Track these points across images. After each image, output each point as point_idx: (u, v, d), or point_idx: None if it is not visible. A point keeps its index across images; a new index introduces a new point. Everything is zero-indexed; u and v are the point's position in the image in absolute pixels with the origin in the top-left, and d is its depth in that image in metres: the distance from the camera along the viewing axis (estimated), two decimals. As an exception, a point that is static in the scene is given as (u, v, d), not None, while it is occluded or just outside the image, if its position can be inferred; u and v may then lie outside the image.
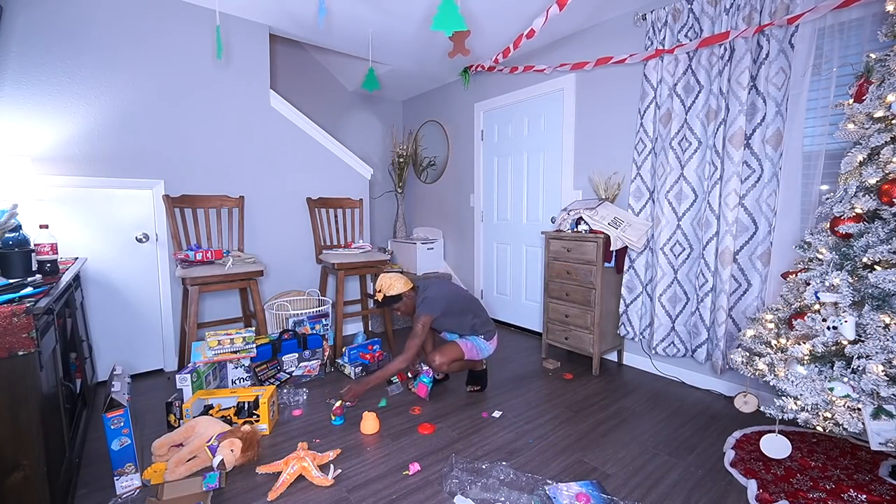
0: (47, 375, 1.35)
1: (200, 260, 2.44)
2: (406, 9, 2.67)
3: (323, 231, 3.27)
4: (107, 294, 2.48)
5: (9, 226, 1.53)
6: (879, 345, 1.32)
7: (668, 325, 2.53)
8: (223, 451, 1.61)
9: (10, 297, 1.22)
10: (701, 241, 2.37)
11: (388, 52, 3.36)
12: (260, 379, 2.38)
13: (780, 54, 2.04)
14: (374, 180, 4.54)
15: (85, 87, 2.37)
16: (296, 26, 2.94)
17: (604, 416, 2.14)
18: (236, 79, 2.85)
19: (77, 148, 2.37)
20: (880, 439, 1.32)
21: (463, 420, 2.09)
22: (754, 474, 1.63)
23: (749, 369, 1.76)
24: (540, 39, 3.11)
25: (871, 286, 1.39)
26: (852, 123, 1.58)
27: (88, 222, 2.40)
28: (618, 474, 1.67)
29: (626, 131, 2.76)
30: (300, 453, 1.67)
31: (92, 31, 2.36)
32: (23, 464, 1.20)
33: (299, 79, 4.02)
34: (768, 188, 2.13)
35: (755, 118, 2.15)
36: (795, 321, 1.61)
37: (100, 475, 1.65)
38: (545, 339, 2.95)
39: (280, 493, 1.54)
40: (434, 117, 4.39)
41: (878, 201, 1.46)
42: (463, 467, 1.66)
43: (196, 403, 1.98)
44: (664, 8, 2.43)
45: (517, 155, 3.57)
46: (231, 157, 2.87)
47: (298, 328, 2.86)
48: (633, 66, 2.68)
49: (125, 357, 2.56)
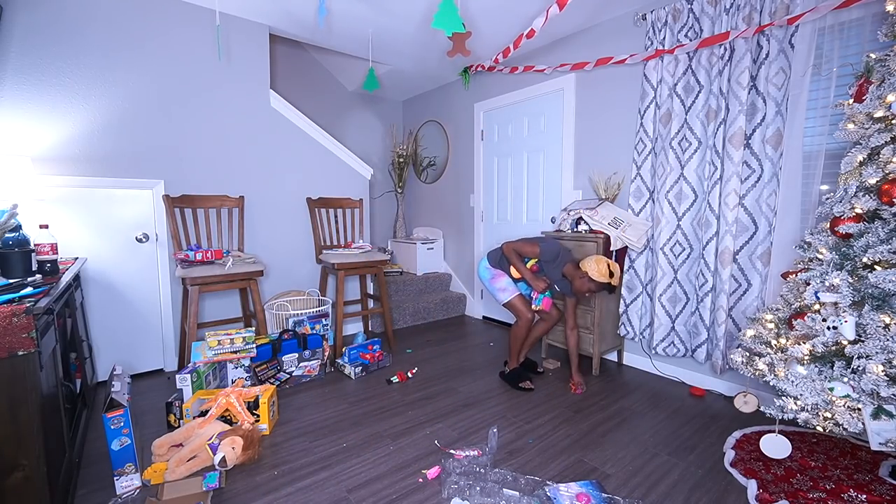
0: (47, 375, 1.35)
1: (200, 260, 2.44)
2: (406, 9, 2.67)
3: (323, 231, 3.27)
4: (107, 294, 2.48)
5: (9, 226, 1.53)
6: (879, 345, 1.32)
7: (668, 325, 2.53)
8: (224, 449, 1.61)
9: (10, 297, 1.22)
10: (701, 241, 2.37)
11: (388, 52, 3.36)
12: (260, 379, 2.38)
13: (780, 54, 2.04)
14: (374, 180, 4.54)
15: (85, 87, 2.37)
16: (296, 26, 2.94)
17: (604, 416, 2.14)
18: (236, 79, 2.85)
19: (77, 148, 2.37)
20: (880, 439, 1.32)
21: (463, 420, 2.09)
22: (754, 474, 1.63)
23: (749, 369, 1.76)
24: (540, 39, 3.11)
25: (871, 286, 1.39)
26: (852, 123, 1.58)
27: (88, 222, 2.40)
28: (618, 474, 1.67)
29: (626, 131, 2.76)
30: (228, 390, 1.92)
31: (92, 31, 2.36)
32: (23, 464, 1.20)
33: (299, 79, 4.02)
34: (768, 188, 2.13)
35: (755, 118, 2.15)
36: (795, 321, 1.61)
37: (100, 475, 1.65)
38: (545, 339, 2.95)
39: (209, 423, 1.76)
40: (434, 117, 4.39)
41: (878, 201, 1.46)
42: (462, 469, 1.65)
43: (196, 403, 1.98)
44: (664, 8, 2.43)
45: (517, 155, 3.57)
46: (231, 157, 2.87)
47: (298, 328, 2.86)
48: (633, 67, 2.68)
49: (125, 357, 2.56)
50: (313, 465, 1.73)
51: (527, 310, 2.42)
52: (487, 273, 2.51)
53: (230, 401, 1.88)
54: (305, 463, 1.74)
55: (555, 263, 2.32)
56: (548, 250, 2.31)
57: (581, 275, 2.24)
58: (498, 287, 2.46)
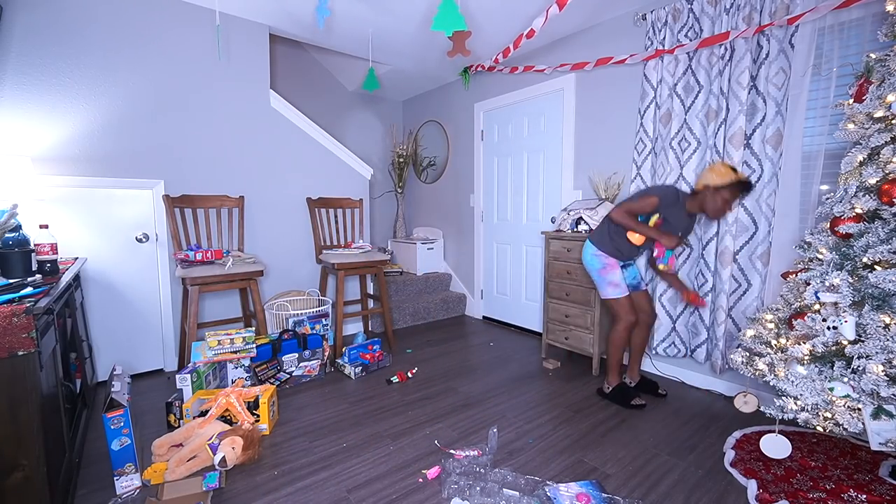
0: (47, 375, 1.35)
1: (200, 260, 2.44)
2: (406, 9, 2.67)
3: (323, 231, 3.27)
4: (107, 294, 2.48)
5: (9, 226, 1.53)
6: (879, 345, 1.32)
7: (668, 325, 2.53)
8: (224, 449, 1.61)
9: (10, 297, 1.22)
10: (701, 241, 2.37)
11: (388, 52, 3.36)
12: (260, 379, 2.38)
13: (780, 54, 2.04)
14: (374, 180, 4.54)
15: (85, 86, 2.37)
16: (296, 26, 2.94)
17: (604, 416, 2.14)
18: (236, 79, 2.85)
19: (77, 148, 2.37)
20: (880, 439, 1.32)
21: (463, 420, 2.09)
22: (754, 474, 1.63)
23: (749, 369, 1.76)
24: (540, 39, 3.11)
25: (871, 286, 1.39)
26: (852, 123, 1.58)
27: (88, 222, 2.40)
28: (618, 474, 1.67)
29: (626, 131, 2.76)
30: (228, 390, 1.92)
31: (92, 31, 2.36)
32: (23, 464, 1.20)
33: (299, 79, 4.02)
34: (768, 188, 2.13)
35: (755, 118, 2.15)
36: (795, 321, 1.61)
37: (100, 475, 1.65)
38: (545, 339, 2.95)
39: (209, 423, 1.77)
40: (434, 117, 4.39)
41: (878, 201, 1.46)
42: (462, 469, 1.65)
43: (196, 403, 1.98)
44: (664, 8, 2.43)
45: (517, 155, 3.57)
46: (231, 157, 2.87)
47: (298, 328, 2.86)
48: (633, 67, 2.68)
49: (125, 357, 2.56)
50: (313, 465, 1.73)
51: (631, 312, 2.15)
52: (597, 262, 2.19)
53: (230, 401, 1.88)
54: (305, 463, 1.74)
55: (678, 204, 2.01)
56: (667, 194, 1.99)
57: (708, 194, 1.91)
58: (609, 280, 2.17)
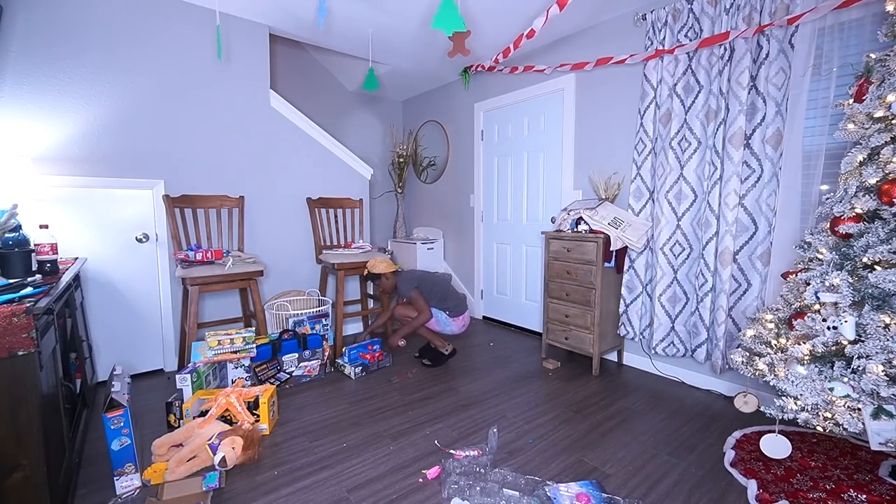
0: (47, 375, 1.35)
1: (200, 260, 2.44)
2: (406, 9, 2.67)
3: (323, 231, 3.27)
4: (107, 294, 2.48)
5: (9, 226, 1.53)
6: (879, 345, 1.32)
7: (668, 325, 2.53)
8: (224, 449, 1.61)
9: (10, 297, 1.22)
10: (701, 241, 2.37)
11: (388, 52, 3.36)
12: (260, 379, 2.38)
13: (780, 54, 2.04)
14: (374, 180, 4.54)
15: (85, 86, 2.37)
16: (296, 26, 2.94)
17: (604, 416, 2.14)
18: (236, 79, 2.85)
19: (77, 148, 2.37)
20: (880, 439, 1.32)
21: (463, 420, 2.09)
22: (754, 474, 1.63)
23: (749, 369, 1.76)
24: (540, 39, 3.11)
25: (871, 286, 1.39)
26: (852, 123, 1.58)
27: (88, 222, 2.40)
28: (618, 474, 1.67)
29: (626, 131, 2.76)
30: (228, 390, 1.93)
31: (92, 31, 2.36)
32: (23, 464, 1.20)
33: (299, 79, 4.02)
34: (768, 188, 2.13)
35: (755, 118, 2.15)
36: (795, 321, 1.61)
37: (100, 475, 1.65)
38: (545, 339, 2.95)
39: (209, 423, 1.77)
40: (434, 117, 4.39)
41: (878, 201, 1.46)
42: (462, 469, 1.65)
43: (196, 403, 1.98)
44: (664, 8, 2.43)
45: (517, 155, 3.57)
46: (231, 157, 2.87)
47: (298, 328, 2.86)
48: (633, 67, 2.68)
49: (125, 357, 2.56)
50: (313, 465, 1.73)
51: None
52: None
53: (230, 401, 1.88)
54: (305, 463, 1.74)
55: None
56: None
57: None
58: None
